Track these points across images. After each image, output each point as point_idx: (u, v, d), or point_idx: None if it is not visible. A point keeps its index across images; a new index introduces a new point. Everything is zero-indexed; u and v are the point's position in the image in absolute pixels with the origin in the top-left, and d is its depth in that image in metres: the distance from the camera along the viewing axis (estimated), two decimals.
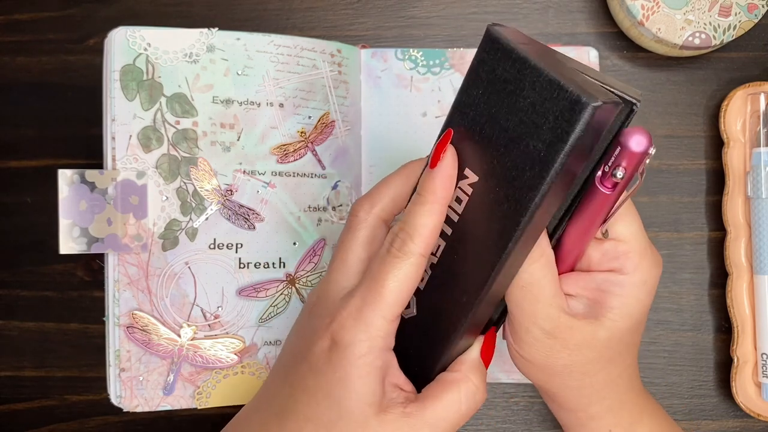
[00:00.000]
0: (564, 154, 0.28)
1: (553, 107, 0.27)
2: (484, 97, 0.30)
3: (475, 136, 0.31)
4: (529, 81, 0.28)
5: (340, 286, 0.34)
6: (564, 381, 0.35)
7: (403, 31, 0.50)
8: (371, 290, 0.32)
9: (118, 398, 0.43)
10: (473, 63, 0.30)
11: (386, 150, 0.48)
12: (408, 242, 0.32)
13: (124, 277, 0.43)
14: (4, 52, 0.50)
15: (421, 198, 0.32)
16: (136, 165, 0.43)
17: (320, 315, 0.33)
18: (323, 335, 0.32)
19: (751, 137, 0.48)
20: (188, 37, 0.43)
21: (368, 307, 0.32)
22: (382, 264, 0.32)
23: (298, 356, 0.34)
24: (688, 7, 0.45)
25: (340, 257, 0.34)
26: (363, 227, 0.34)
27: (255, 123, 0.44)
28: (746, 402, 0.47)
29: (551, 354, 0.33)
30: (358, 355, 0.32)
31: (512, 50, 0.29)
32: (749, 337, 0.47)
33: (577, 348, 0.33)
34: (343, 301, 0.33)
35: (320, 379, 0.32)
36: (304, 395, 0.33)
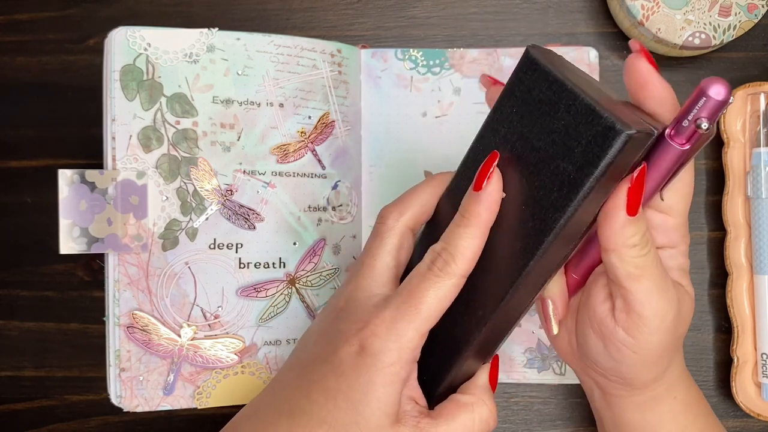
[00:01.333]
0: (594, 178, 0.28)
1: (587, 131, 0.28)
2: (518, 115, 0.31)
3: (505, 153, 0.31)
4: (564, 104, 0.29)
5: (370, 292, 0.34)
6: (667, 355, 0.35)
7: (403, 31, 0.50)
8: (408, 303, 0.32)
9: (118, 398, 0.43)
10: (509, 82, 0.31)
11: (386, 150, 0.48)
12: (451, 263, 0.32)
13: (124, 277, 0.43)
14: (4, 52, 0.50)
15: (465, 220, 0.33)
16: (136, 165, 0.43)
17: (349, 319, 0.34)
18: (352, 339, 0.33)
19: (751, 137, 0.48)
20: (188, 37, 0.43)
21: (403, 319, 0.32)
22: (422, 280, 0.33)
23: (319, 357, 0.34)
24: (688, 7, 0.45)
25: (369, 263, 0.35)
26: (392, 235, 0.35)
27: (255, 123, 0.44)
28: (746, 402, 0.47)
29: (676, 332, 0.33)
30: (387, 364, 0.32)
31: (550, 73, 0.29)
32: (749, 337, 0.47)
33: (686, 317, 0.34)
34: (376, 308, 0.33)
35: (342, 382, 0.33)
36: (321, 396, 0.33)
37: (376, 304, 0.34)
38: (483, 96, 0.48)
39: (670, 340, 0.33)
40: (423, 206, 0.36)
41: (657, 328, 0.32)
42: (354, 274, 0.36)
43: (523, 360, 0.48)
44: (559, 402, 0.49)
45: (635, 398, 0.37)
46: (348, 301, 0.35)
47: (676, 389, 0.37)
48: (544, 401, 0.49)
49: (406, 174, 0.48)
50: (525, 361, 0.48)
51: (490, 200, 0.32)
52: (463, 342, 0.35)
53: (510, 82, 0.31)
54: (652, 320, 0.32)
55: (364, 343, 0.32)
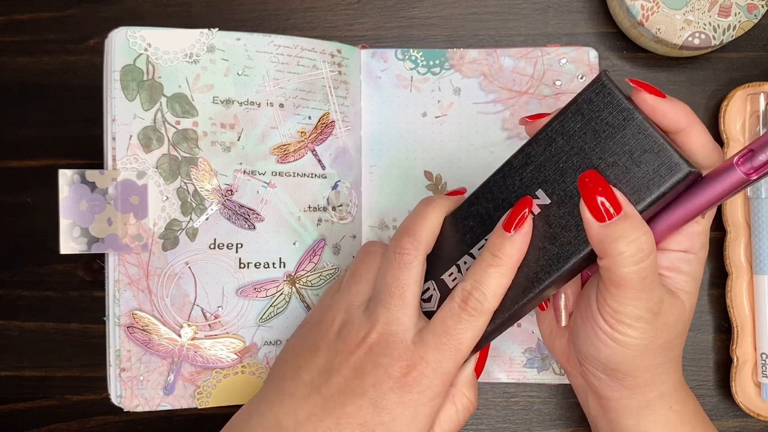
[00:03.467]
0: (647, 203, 0.32)
1: (650, 161, 0.31)
2: (581, 132, 0.33)
3: (558, 162, 0.33)
4: (632, 132, 0.32)
5: (405, 325, 0.35)
6: (654, 359, 0.35)
7: (403, 32, 0.50)
8: (449, 345, 0.35)
9: (118, 398, 0.43)
10: (580, 98, 0.33)
11: (386, 150, 0.48)
12: (484, 303, 0.34)
13: (125, 277, 0.43)
14: (5, 52, 0.50)
15: (497, 260, 0.34)
16: (136, 165, 0.43)
17: (390, 355, 0.35)
18: (397, 376, 0.34)
19: (751, 137, 0.48)
20: (188, 37, 0.43)
21: (447, 360, 0.35)
22: (458, 321, 0.35)
23: (350, 390, 0.35)
24: (688, 8, 0.45)
25: (399, 294, 0.36)
26: (416, 264, 0.36)
27: (255, 123, 0.44)
28: (746, 402, 0.47)
29: (655, 334, 0.34)
30: (431, 397, 0.35)
31: (621, 101, 0.32)
32: (749, 337, 0.47)
33: (674, 324, 0.35)
34: (416, 346, 0.35)
35: (384, 416, 0.34)
36: (358, 428, 0.34)
37: (415, 342, 0.35)
38: (482, 96, 0.48)
39: (650, 340, 0.34)
40: (434, 232, 0.37)
41: (631, 325, 0.33)
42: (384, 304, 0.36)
43: (523, 360, 0.48)
44: (559, 402, 0.49)
45: (626, 402, 0.37)
46: (384, 335, 0.35)
47: (670, 399, 0.37)
48: (544, 401, 0.50)
49: (406, 174, 0.48)
50: (525, 361, 0.48)
51: (523, 242, 0.34)
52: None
53: (580, 98, 0.33)
54: (627, 317, 0.33)
55: (410, 382, 0.34)
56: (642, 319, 0.33)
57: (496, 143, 0.48)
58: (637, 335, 0.34)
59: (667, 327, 0.34)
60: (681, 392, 0.37)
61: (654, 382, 0.36)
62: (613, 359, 0.35)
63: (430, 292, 0.37)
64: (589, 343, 0.35)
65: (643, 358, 0.35)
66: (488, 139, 0.48)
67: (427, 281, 0.37)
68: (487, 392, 0.49)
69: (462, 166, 0.48)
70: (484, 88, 0.48)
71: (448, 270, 0.36)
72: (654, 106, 0.33)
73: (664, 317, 0.34)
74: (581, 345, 0.36)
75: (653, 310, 0.33)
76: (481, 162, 0.48)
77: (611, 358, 0.35)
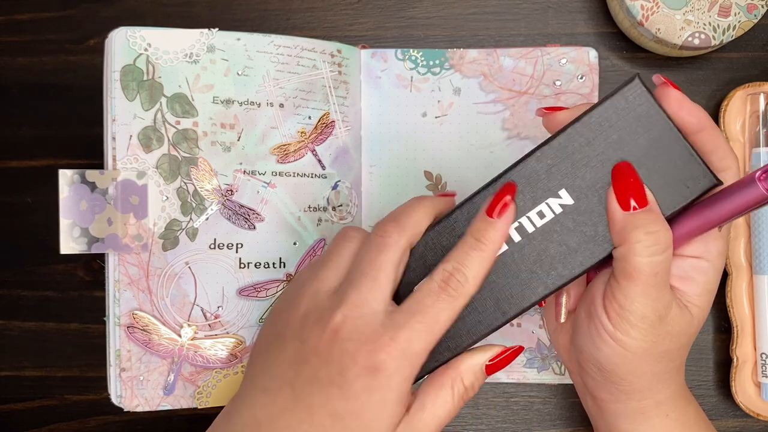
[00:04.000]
0: (674, 212, 0.33)
1: (679, 170, 0.32)
2: (610, 132, 0.33)
3: (583, 159, 0.33)
4: (664, 139, 0.32)
5: (374, 310, 0.34)
6: (651, 367, 0.35)
7: (403, 32, 0.50)
8: (423, 324, 0.33)
9: (118, 398, 0.43)
10: (613, 101, 0.33)
11: (386, 150, 0.48)
12: (465, 285, 0.33)
13: (125, 277, 0.43)
14: (5, 52, 0.50)
15: (480, 245, 0.34)
16: (136, 165, 0.43)
17: (357, 340, 0.33)
18: (363, 361, 0.33)
19: (751, 137, 0.48)
20: (188, 37, 0.43)
21: (419, 339, 0.33)
22: (437, 300, 0.33)
23: (318, 379, 0.34)
24: (688, 8, 0.45)
25: (373, 276, 0.34)
26: (396, 249, 0.35)
27: (255, 123, 0.44)
28: (746, 402, 0.47)
29: (657, 340, 0.34)
30: (400, 381, 0.33)
31: (655, 108, 0.32)
32: (749, 337, 0.47)
33: (677, 335, 0.34)
34: (385, 328, 0.33)
35: (353, 404, 0.33)
36: (327, 419, 0.33)
37: (384, 324, 0.33)
38: (482, 96, 0.48)
39: (651, 345, 0.34)
40: (419, 224, 0.36)
41: (635, 324, 0.33)
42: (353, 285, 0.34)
43: (522, 360, 0.48)
44: (559, 402, 0.50)
45: (620, 405, 0.37)
46: (350, 319, 0.34)
47: (667, 408, 0.37)
48: (544, 401, 0.50)
49: (406, 174, 0.48)
50: (525, 361, 0.48)
51: (506, 228, 0.34)
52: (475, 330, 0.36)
53: (614, 101, 0.33)
54: (632, 315, 0.33)
55: (378, 365, 0.33)
56: (646, 320, 0.33)
57: (496, 143, 0.48)
58: (638, 336, 0.33)
59: (669, 336, 0.34)
60: (680, 400, 0.37)
61: (649, 390, 0.36)
62: (611, 360, 0.35)
63: None
64: (591, 341, 0.35)
65: (640, 362, 0.34)
66: (488, 139, 0.48)
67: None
68: (487, 392, 0.49)
69: (462, 166, 0.48)
70: (484, 88, 0.48)
71: None
72: (680, 104, 0.33)
73: (668, 325, 0.34)
74: (582, 343, 0.36)
75: (658, 313, 0.33)
76: (481, 162, 0.48)
77: (609, 359, 0.35)
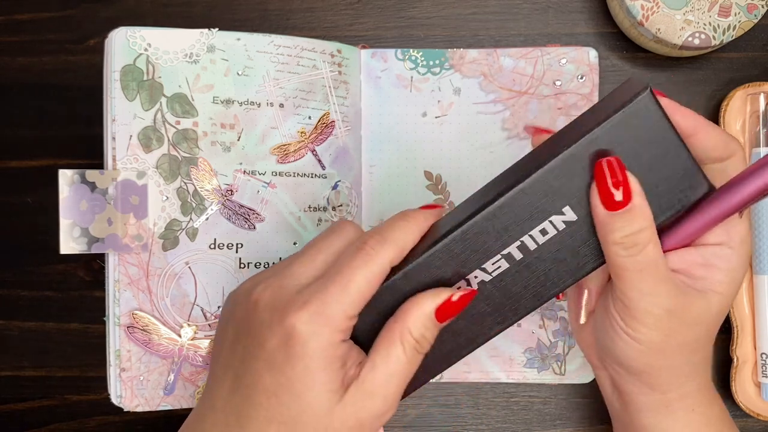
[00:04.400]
0: (669, 219, 0.33)
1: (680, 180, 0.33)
2: (617, 141, 0.32)
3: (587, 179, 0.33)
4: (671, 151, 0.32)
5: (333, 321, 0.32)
6: (670, 360, 0.35)
7: (403, 32, 0.50)
8: (336, 283, 0.32)
9: (118, 398, 0.43)
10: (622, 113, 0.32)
11: (386, 150, 0.48)
12: (384, 246, 0.32)
13: (125, 277, 0.43)
14: (4, 52, 0.50)
15: (407, 216, 0.34)
16: (136, 165, 0.43)
17: (270, 308, 0.32)
18: (276, 329, 0.32)
19: (751, 137, 0.48)
20: (188, 37, 0.43)
21: (331, 300, 0.31)
22: (352, 260, 0.32)
23: (248, 354, 0.33)
24: (688, 8, 0.45)
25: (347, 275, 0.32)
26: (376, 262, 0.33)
27: (255, 123, 0.44)
28: (746, 402, 0.47)
29: (670, 333, 0.33)
30: (319, 348, 0.31)
31: (665, 120, 0.32)
32: (749, 337, 0.47)
33: (694, 324, 0.34)
34: (301, 294, 0.32)
35: (279, 377, 0.32)
36: (262, 395, 0.32)
37: (300, 291, 0.32)
38: (482, 96, 0.48)
39: (664, 338, 0.34)
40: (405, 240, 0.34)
41: (641, 320, 0.33)
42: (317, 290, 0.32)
43: (523, 360, 0.48)
44: (559, 402, 0.49)
45: (644, 398, 0.36)
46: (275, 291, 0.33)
47: (693, 402, 0.36)
48: (544, 401, 0.50)
49: (406, 174, 0.48)
50: (525, 361, 0.48)
51: (436, 214, 0.35)
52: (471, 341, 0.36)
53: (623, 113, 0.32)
54: (635, 311, 0.33)
55: (290, 332, 0.31)
56: (651, 315, 0.33)
57: (496, 143, 0.48)
58: (648, 331, 0.33)
59: (684, 327, 0.33)
60: (707, 397, 0.37)
61: (673, 383, 0.36)
62: (627, 354, 0.35)
63: None
64: (607, 336, 0.35)
65: (657, 356, 0.34)
66: (488, 139, 0.48)
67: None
68: (487, 392, 0.49)
69: (462, 166, 0.48)
70: (484, 88, 0.48)
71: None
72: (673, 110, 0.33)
73: (680, 316, 0.33)
74: (601, 337, 0.36)
75: (662, 306, 0.33)
76: (481, 162, 0.48)
77: (625, 353, 0.35)
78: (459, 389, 0.50)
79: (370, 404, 0.32)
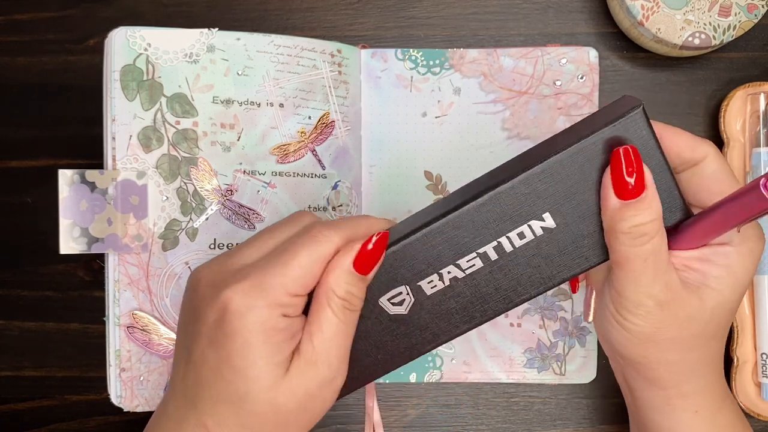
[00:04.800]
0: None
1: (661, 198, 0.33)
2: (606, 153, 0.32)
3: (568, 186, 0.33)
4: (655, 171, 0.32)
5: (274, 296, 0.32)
6: (665, 355, 0.34)
7: (403, 32, 0.50)
8: (278, 260, 0.32)
9: (118, 398, 0.43)
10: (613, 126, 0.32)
11: (386, 150, 0.48)
12: (333, 231, 0.33)
13: (125, 277, 0.43)
14: (4, 52, 0.50)
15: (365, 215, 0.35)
16: (136, 165, 0.43)
17: (210, 283, 0.33)
18: (213, 304, 0.32)
19: (751, 137, 0.48)
20: (188, 37, 0.43)
21: (271, 274, 0.31)
22: (297, 239, 0.33)
23: (195, 333, 0.33)
24: (688, 8, 0.45)
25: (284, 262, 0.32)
26: (323, 244, 0.33)
27: (255, 123, 0.44)
28: (746, 402, 0.47)
29: (661, 327, 0.33)
30: (258, 321, 0.31)
31: (654, 139, 0.32)
32: (749, 337, 0.47)
33: (686, 320, 0.33)
34: (239, 271, 0.32)
35: (220, 351, 0.31)
36: (209, 373, 0.32)
37: (239, 268, 0.32)
38: (482, 96, 0.48)
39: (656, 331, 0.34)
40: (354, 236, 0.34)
41: (632, 311, 0.33)
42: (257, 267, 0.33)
43: (523, 360, 0.48)
44: (559, 402, 0.49)
45: (647, 393, 0.37)
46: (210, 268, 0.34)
47: (695, 403, 0.36)
48: (544, 401, 0.50)
49: (406, 174, 0.48)
50: (525, 361, 0.48)
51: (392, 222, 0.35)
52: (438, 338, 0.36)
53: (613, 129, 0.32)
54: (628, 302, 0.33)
55: (227, 305, 0.31)
56: (642, 306, 0.33)
57: (496, 143, 0.48)
58: (639, 322, 0.33)
59: (676, 322, 0.33)
60: (713, 400, 0.36)
61: (670, 380, 0.35)
62: (621, 343, 0.35)
63: (402, 296, 0.35)
64: (605, 327, 0.35)
65: (650, 348, 0.34)
66: (488, 139, 0.48)
67: (400, 285, 0.35)
68: (487, 392, 0.49)
69: (462, 166, 0.48)
70: (484, 88, 0.48)
71: (428, 277, 0.34)
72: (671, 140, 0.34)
73: (673, 310, 0.33)
74: (599, 325, 0.37)
75: (656, 298, 0.33)
76: (481, 162, 0.48)
77: (620, 342, 0.35)
78: (459, 389, 0.50)
79: (314, 372, 0.32)
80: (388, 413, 0.50)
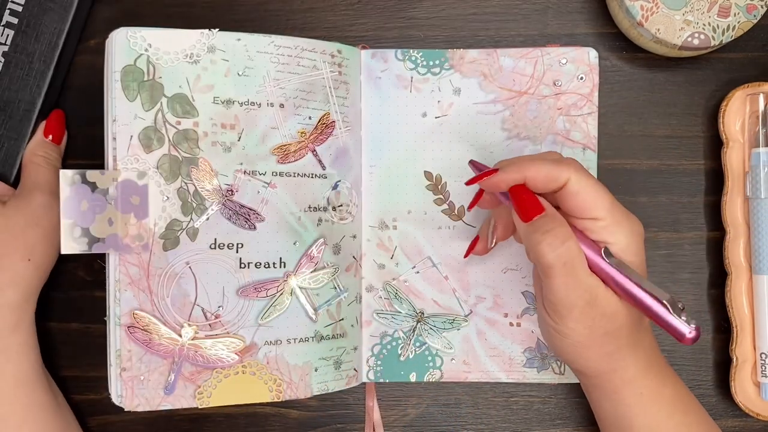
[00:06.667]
0: None
1: None
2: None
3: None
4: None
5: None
6: (604, 348, 0.38)
7: (403, 32, 0.50)
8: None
9: (119, 398, 0.43)
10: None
11: (386, 150, 0.48)
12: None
13: (125, 277, 0.43)
14: None
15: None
16: (137, 165, 0.43)
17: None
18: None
19: (750, 137, 0.48)
20: (189, 37, 0.44)
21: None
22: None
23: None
24: (687, 8, 0.45)
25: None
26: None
27: (255, 123, 0.45)
28: (745, 401, 0.47)
29: (594, 324, 0.37)
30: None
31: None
32: (748, 337, 0.48)
33: (612, 315, 0.37)
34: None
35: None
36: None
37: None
38: (482, 96, 0.48)
39: (590, 330, 0.37)
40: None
41: (567, 315, 0.37)
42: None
43: (522, 360, 0.48)
44: (558, 402, 0.50)
45: (596, 388, 0.40)
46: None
47: (639, 386, 0.39)
48: (543, 401, 0.50)
49: (406, 174, 0.48)
50: (525, 360, 0.48)
51: None
52: None
53: None
54: (562, 307, 0.37)
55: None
56: (576, 307, 0.36)
57: (496, 143, 0.48)
58: (575, 326, 0.37)
59: (605, 317, 0.37)
60: (653, 379, 0.39)
61: (610, 371, 0.39)
62: (566, 351, 0.39)
63: None
64: (548, 341, 0.39)
65: (585, 348, 0.38)
66: (488, 139, 0.48)
67: None
68: (486, 392, 0.50)
69: (462, 166, 0.48)
70: (484, 88, 0.48)
71: None
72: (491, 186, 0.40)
73: (600, 307, 0.37)
74: (549, 344, 0.40)
75: (584, 298, 0.36)
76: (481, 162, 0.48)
77: (566, 351, 0.39)
78: (459, 389, 0.50)
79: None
80: (388, 413, 0.50)
